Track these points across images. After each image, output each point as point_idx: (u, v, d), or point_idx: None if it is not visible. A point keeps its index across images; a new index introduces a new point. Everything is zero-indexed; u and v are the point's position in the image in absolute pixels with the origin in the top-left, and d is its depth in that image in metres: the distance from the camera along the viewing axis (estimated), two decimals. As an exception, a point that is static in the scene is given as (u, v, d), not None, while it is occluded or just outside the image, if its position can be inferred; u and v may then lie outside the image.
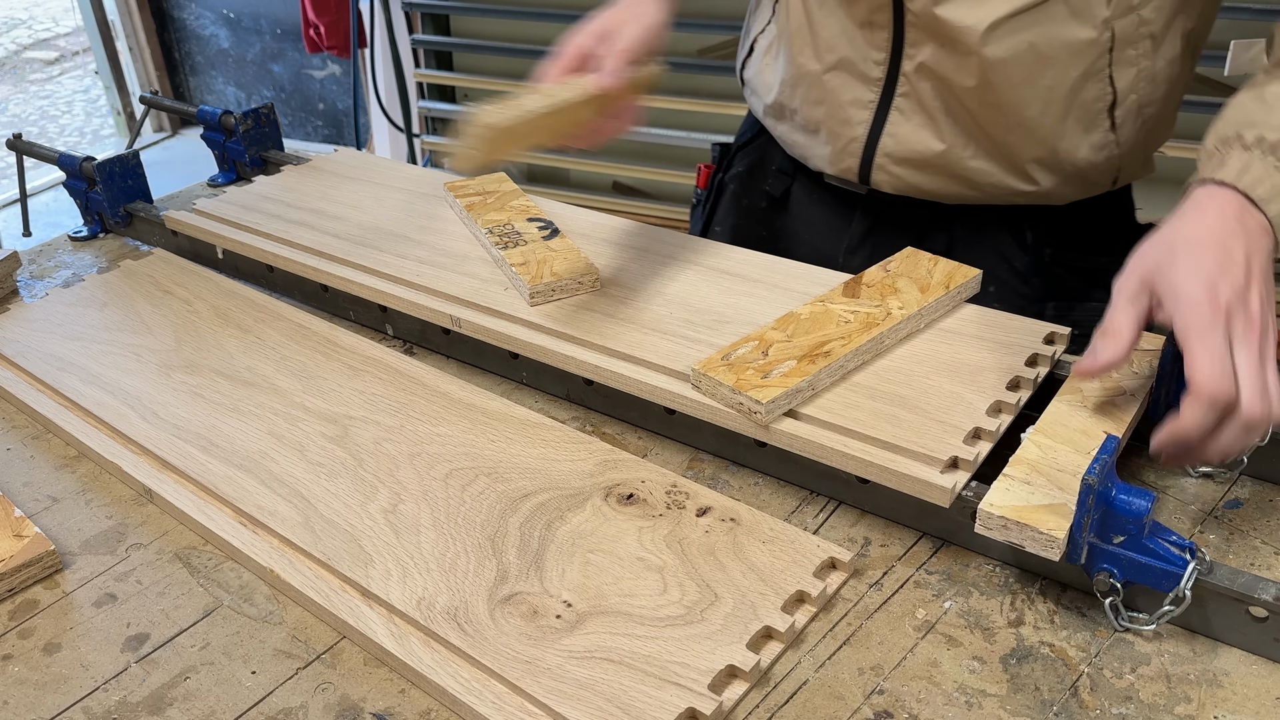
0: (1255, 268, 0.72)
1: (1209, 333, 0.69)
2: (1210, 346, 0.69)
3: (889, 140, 1.03)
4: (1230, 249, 0.72)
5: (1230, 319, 0.70)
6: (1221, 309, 0.70)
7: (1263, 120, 0.77)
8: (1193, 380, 0.69)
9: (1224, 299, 0.70)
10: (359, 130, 3.09)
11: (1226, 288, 0.70)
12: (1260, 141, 0.76)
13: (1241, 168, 0.75)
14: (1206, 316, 0.69)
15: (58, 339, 1.04)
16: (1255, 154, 0.75)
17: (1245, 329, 0.70)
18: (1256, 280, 0.72)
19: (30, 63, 5.78)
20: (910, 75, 0.99)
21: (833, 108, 1.05)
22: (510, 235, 1.06)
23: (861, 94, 1.02)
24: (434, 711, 0.67)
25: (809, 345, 0.85)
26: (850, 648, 0.70)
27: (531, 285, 0.96)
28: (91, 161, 1.26)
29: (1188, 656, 0.68)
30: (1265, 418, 0.69)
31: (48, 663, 0.72)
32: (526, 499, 0.80)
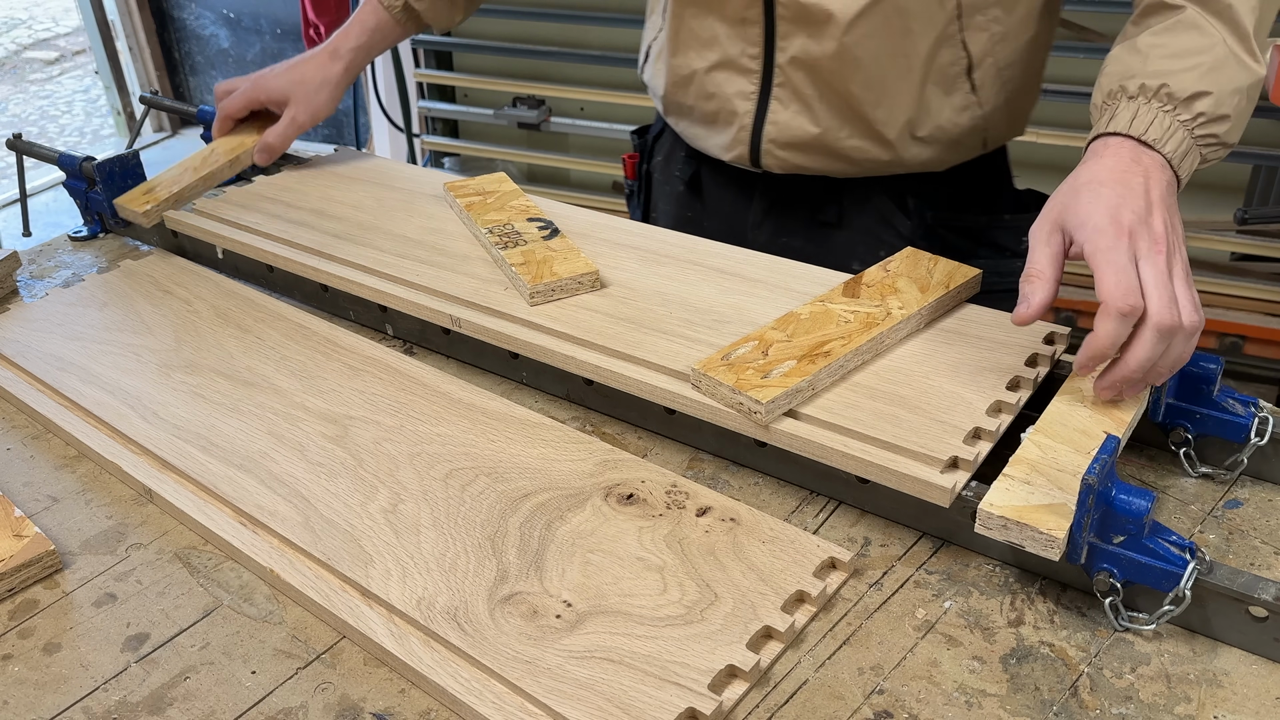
0: (1155, 195, 0.77)
1: (1112, 251, 0.74)
2: (1114, 262, 0.73)
3: (771, 127, 1.11)
4: (1129, 182, 0.77)
5: (1134, 238, 0.74)
6: (1125, 230, 0.74)
7: (1141, 69, 0.82)
8: (1100, 296, 0.73)
9: (1126, 221, 0.75)
10: (359, 130, 3.09)
11: (1128, 212, 0.75)
12: (1144, 89, 0.81)
13: (1131, 116, 0.81)
14: (1110, 237, 0.74)
15: (58, 339, 1.04)
16: (1140, 102, 0.81)
17: (1150, 247, 0.74)
18: (1158, 205, 0.76)
19: (30, 63, 5.78)
20: (784, 67, 1.07)
21: (721, 101, 1.13)
22: (510, 235, 1.06)
23: (743, 86, 1.11)
24: (434, 711, 0.67)
25: (809, 345, 0.85)
26: (850, 648, 0.70)
27: (531, 285, 0.96)
28: (91, 161, 1.26)
29: (1188, 656, 0.68)
30: (1175, 323, 0.72)
31: (48, 663, 0.72)
32: (526, 499, 0.80)
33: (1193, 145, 0.81)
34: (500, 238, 1.06)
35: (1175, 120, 0.80)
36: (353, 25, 1.31)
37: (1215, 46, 0.81)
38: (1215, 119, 0.81)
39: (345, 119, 3.96)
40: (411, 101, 3.04)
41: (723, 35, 1.09)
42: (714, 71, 1.12)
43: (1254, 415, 0.80)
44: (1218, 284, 2.23)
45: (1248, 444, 0.79)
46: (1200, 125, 0.80)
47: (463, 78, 2.97)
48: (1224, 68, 0.81)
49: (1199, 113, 0.80)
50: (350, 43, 1.30)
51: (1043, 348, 0.87)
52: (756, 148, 1.12)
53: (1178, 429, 0.82)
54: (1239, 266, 2.29)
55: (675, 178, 1.29)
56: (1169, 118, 0.80)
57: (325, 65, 1.29)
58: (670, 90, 1.19)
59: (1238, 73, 0.82)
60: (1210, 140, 0.81)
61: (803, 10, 1.02)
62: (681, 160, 1.27)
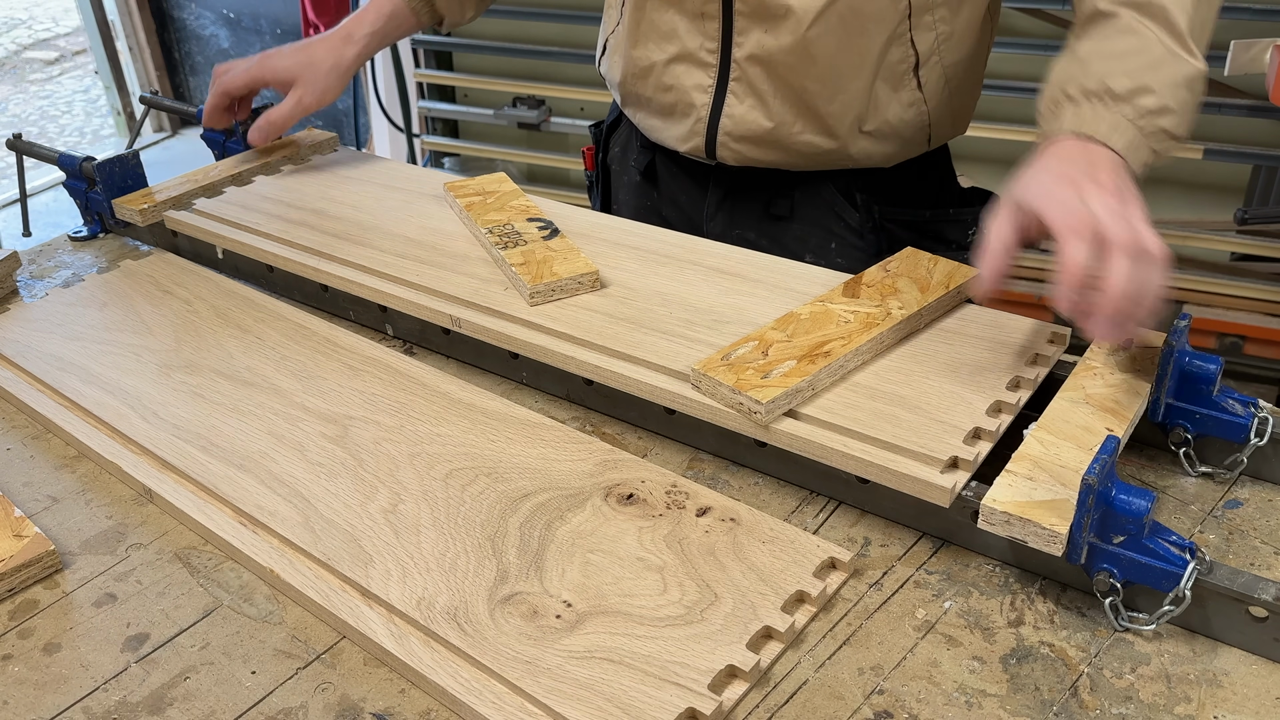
0: (1103, 169, 0.79)
1: (1058, 194, 0.76)
2: (1061, 201, 0.76)
3: (727, 120, 1.13)
4: (1075, 162, 0.80)
5: (1079, 187, 0.76)
6: (1070, 181, 0.77)
7: (1081, 75, 0.85)
8: (1052, 229, 0.75)
9: (1071, 176, 0.77)
10: (359, 130, 3.09)
11: (1073, 171, 0.78)
12: (1086, 92, 0.84)
13: (1074, 117, 0.84)
14: (1051, 187, 0.77)
15: (58, 339, 1.04)
16: (1084, 103, 0.84)
17: (1097, 190, 0.76)
18: (1105, 173, 0.78)
19: (30, 63, 5.78)
20: (741, 62, 1.09)
21: (679, 93, 1.15)
22: (510, 235, 1.06)
23: (701, 80, 1.13)
24: (434, 711, 0.67)
25: (809, 345, 0.85)
26: (850, 648, 0.70)
27: (531, 285, 0.96)
28: (91, 161, 1.26)
29: (1188, 656, 0.68)
30: (1140, 242, 0.73)
31: (48, 663, 0.72)
32: (526, 499, 0.80)
33: (1141, 139, 0.83)
34: (500, 238, 1.06)
35: (1120, 116, 0.82)
36: (368, 11, 1.27)
37: (1151, 46, 0.84)
38: (1159, 111, 0.83)
39: (345, 119, 3.95)
40: (411, 101, 3.04)
41: (682, 29, 1.11)
42: (673, 64, 1.14)
43: (1254, 415, 0.80)
44: (1218, 284, 2.23)
45: (1248, 444, 0.79)
46: (1146, 119, 0.82)
47: (463, 78, 2.97)
48: (1162, 65, 0.84)
49: (1142, 108, 0.82)
50: (365, 29, 1.27)
51: (1043, 348, 0.87)
52: (712, 140, 1.14)
53: (1178, 429, 0.82)
54: (1239, 266, 2.29)
55: (632, 168, 1.31)
56: (1113, 114, 0.82)
57: (338, 48, 1.26)
58: (628, 81, 1.20)
59: (1176, 68, 0.84)
60: (1158, 133, 0.83)
61: (761, 6, 1.05)
62: (637, 150, 1.30)
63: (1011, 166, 1.02)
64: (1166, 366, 0.79)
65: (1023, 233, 0.79)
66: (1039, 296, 2.33)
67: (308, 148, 1.36)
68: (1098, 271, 0.73)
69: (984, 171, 2.47)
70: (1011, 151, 2.38)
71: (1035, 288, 2.35)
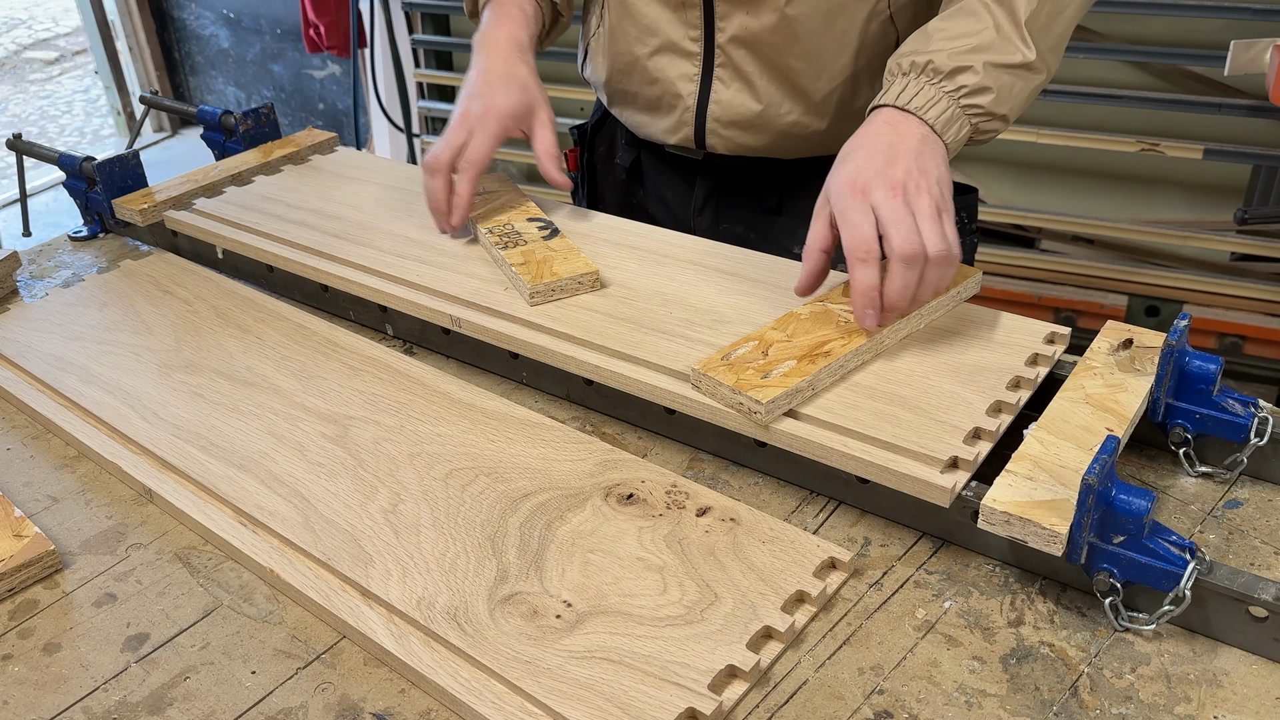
0: (901, 149, 0.86)
1: (849, 211, 0.84)
2: (849, 220, 0.83)
3: (715, 106, 1.13)
4: (875, 145, 0.87)
5: (868, 193, 0.84)
6: (859, 189, 0.84)
7: (921, 49, 0.91)
8: (845, 251, 0.83)
9: (861, 181, 0.84)
10: (359, 130, 3.09)
11: (866, 172, 0.85)
12: (914, 66, 0.90)
13: (900, 90, 0.90)
14: (846, 199, 0.84)
15: (58, 339, 1.04)
16: (911, 77, 0.90)
17: (886, 194, 0.83)
18: (901, 156, 0.85)
19: (30, 63, 5.78)
20: (725, 46, 1.10)
21: (664, 85, 1.15)
22: (510, 235, 1.06)
23: (686, 69, 1.13)
24: (434, 711, 0.67)
25: (809, 345, 0.85)
26: (850, 648, 0.70)
27: (531, 285, 0.96)
28: (91, 161, 1.26)
29: (1188, 656, 0.68)
30: (918, 250, 0.82)
31: (48, 663, 0.72)
32: (526, 499, 0.80)
33: (960, 114, 0.89)
34: (500, 238, 1.06)
35: (939, 91, 0.89)
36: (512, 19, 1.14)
37: (985, 30, 0.90)
38: (977, 90, 0.89)
39: (345, 119, 3.96)
40: (411, 101, 3.04)
41: (663, 21, 1.12)
42: (656, 56, 1.14)
43: (1254, 415, 0.80)
44: (1218, 284, 2.23)
45: (1248, 444, 0.79)
46: (965, 96, 0.89)
47: (463, 78, 2.96)
48: (990, 47, 0.89)
49: (961, 85, 0.89)
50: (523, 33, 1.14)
51: (1043, 348, 0.87)
52: (701, 128, 1.15)
53: (1178, 429, 0.82)
54: (1239, 266, 2.29)
55: (617, 166, 1.32)
56: (932, 89, 0.89)
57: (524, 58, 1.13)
58: (613, 79, 1.21)
59: (1004, 52, 0.90)
60: (977, 111, 0.89)
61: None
62: (623, 148, 1.30)
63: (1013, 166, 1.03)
64: (1166, 366, 0.80)
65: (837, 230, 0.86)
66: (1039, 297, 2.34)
67: (308, 148, 1.36)
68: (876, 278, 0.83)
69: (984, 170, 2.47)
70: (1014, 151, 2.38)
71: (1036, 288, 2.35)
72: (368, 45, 3.03)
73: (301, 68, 4.08)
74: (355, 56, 3.06)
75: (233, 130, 1.37)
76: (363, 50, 3.04)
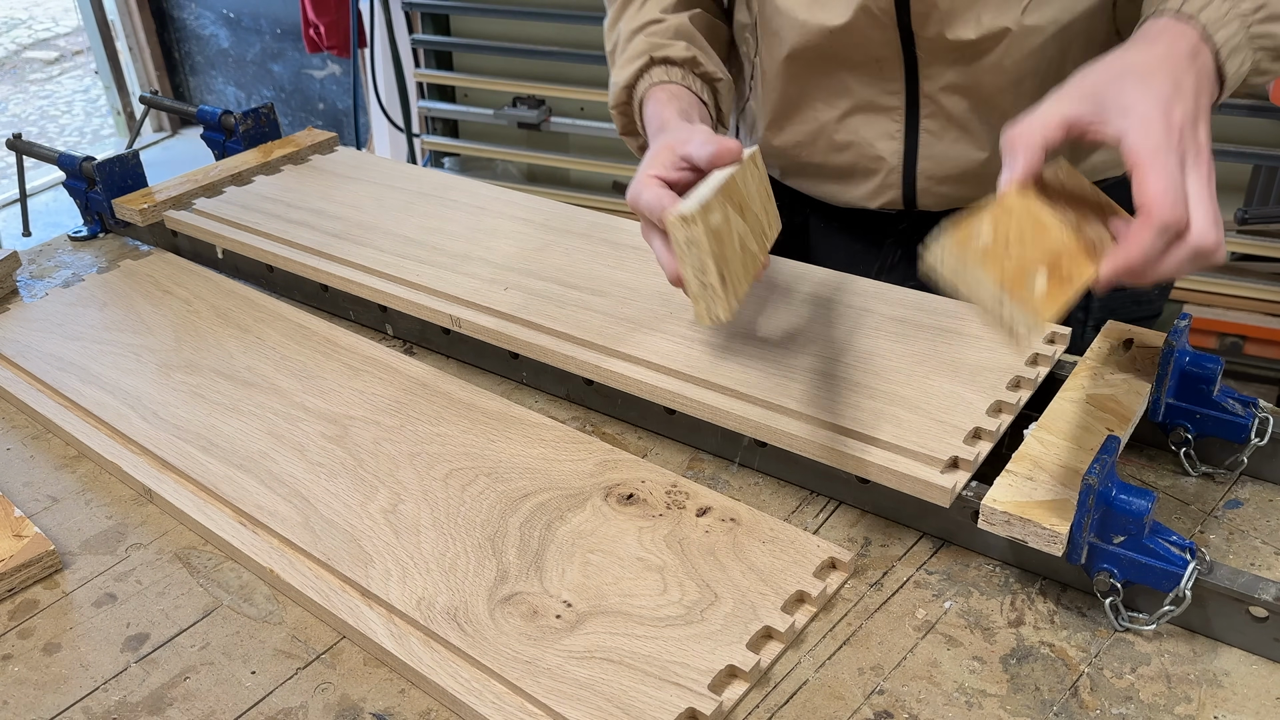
0: (1203, 104, 0.70)
1: (1164, 153, 0.65)
2: (1166, 168, 0.65)
3: (926, 163, 1.00)
4: (1181, 81, 0.69)
5: (1183, 143, 0.66)
6: (1176, 130, 0.66)
7: None
8: (1147, 203, 0.64)
9: (1178, 120, 0.66)
10: (359, 130, 3.09)
11: (1179, 112, 0.67)
12: None
13: (1204, 3, 0.73)
14: (1161, 136, 0.65)
15: (58, 339, 1.04)
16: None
17: (1196, 157, 0.67)
18: (1204, 116, 0.69)
19: (30, 63, 5.78)
20: (932, 95, 0.97)
21: (859, 149, 1.02)
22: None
23: (885, 126, 1.00)
24: (434, 711, 0.67)
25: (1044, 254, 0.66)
26: (850, 648, 0.70)
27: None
28: (91, 161, 1.26)
29: (1188, 656, 0.68)
30: (1216, 246, 0.66)
31: (48, 663, 0.72)
32: (526, 499, 0.80)
33: (1246, 42, 0.73)
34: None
35: (1234, 9, 0.72)
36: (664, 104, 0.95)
37: None
38: (1275, 17, 0.73)
39: (345, 119, 3.96)
40: (411, 101, 3.04)
41: (852, 80, 0.99)
42: (847, 119, 1.01)
43: (1254, 415, 0.80)
44: (1218, 284, 2.23)
45: (1248, 444, 0.79)
46: (1259, 21, 0.73)
47: (463, 78, 2.96)
48: None
49: (1260, 4, 0.73)
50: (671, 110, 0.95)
51: (1043, 347, 0.87)
52: (910, 188, 1.02)
53: (1178, 429, 0.82)
54: (1239, 266, 2.28)
55: None
56: (1227, 4, 0.72)
57: None
58: (788, 152, 1.08)
59: None
60: (1267, 41, 0.74)
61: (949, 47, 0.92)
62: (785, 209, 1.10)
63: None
64: (1166, 366, 0.79)
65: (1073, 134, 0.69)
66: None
67: (308, 148, 1.36)
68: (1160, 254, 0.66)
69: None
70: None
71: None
72: (368, 45, 3.03)
73: (301, 68, 4.09)
74: (355, 56, 3.06)
75: (233, 130, 1.37)
76: (363, 50, 3.05)
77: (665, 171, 0.81)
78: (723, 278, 0.73)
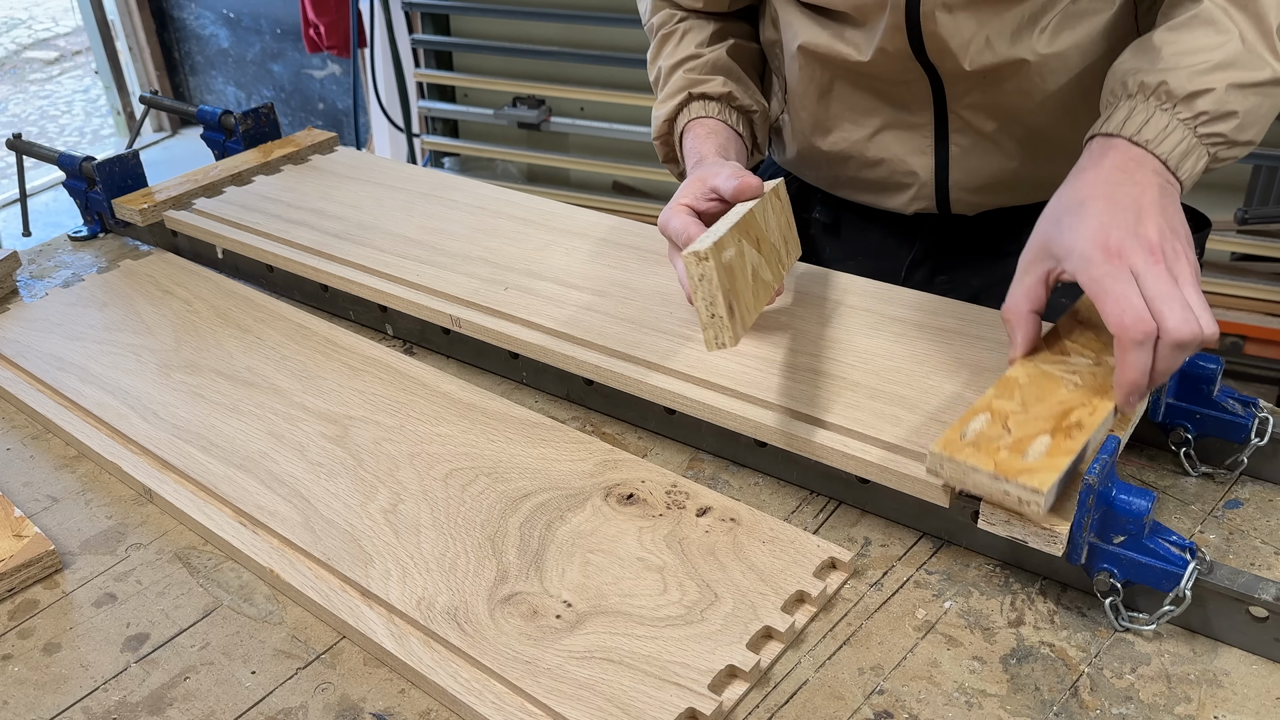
0: (1146, 204, 0.73)
1: (1109, 280, 0.70)
2: (1113, 292, 0.69)
3: (958, 174, 1.02)
4: (1115, 197, 0.73)
5: (1126, 256, 0.70)
6: (1114, 252, 0.70)
7: (1147, 67, 0.78)
8: (1111, 329, 0.69)
9: (1115, 242, 0.71)
10: (359, 130, 3.09)
11: (1116, 232, 0.71)
12: (1143, 87, 0.77)
13: (1125, 115, 0.77)
14: (1101, 266, 0.70)
15: (58, 339, 1.04)
16: (1138, 100, 0.77)
17: (1146, 259, 0.70)
18: (1149, 211, 0.72)
19: (30, 63, 5.78)
20: (960, 111, 0.98)
21: (891, 165, 1.04)
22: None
23: (916, 143, 1.01)
24: (434, 711, 0.67)
25: (1051, 414, 0.72)
26: (850, 648, 0.70)
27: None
28: (91, 161, 1.26)
29: (1188, 656, 0.68)
30: (1195, 336, 0.69)
31: (48, 663, 0.72)
32: (526, 499, 0.80)
33: (1196, 144, 0.77)
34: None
35: (1174, 119, 0.76)
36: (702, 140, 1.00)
37: (1229, 42, 0.77)
38: (1219, 117, 0.76)
39: (345, 119, 3.96)
40: (411, 101, 3.04)
41: (881, 102, 1.00)
42: (877, 136, 1.02)
43: (1254, 415, 0.80)
44: (1218, 284, 2.23)
45: (1248, 444, 0.79)
46: (1203, 124, 0.76)
47: (463, 78, 2.97)
48: (1235, 64, 0.77)
49: (1200, 111, 0.76)
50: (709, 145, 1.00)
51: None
52: (944, 198, 1.03)
53: (1178, 429, 0.82)
54: (1239, 266, 2.28)
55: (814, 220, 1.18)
56: (1166, 116, 0.76)
57: None
58: (821, 167, 1.10)
59: (1251, 69, 0.77)
60: (1217, 139, 0.77)
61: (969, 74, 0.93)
62: (819, 207, 1.17)
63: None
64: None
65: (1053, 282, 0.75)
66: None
67: (308, 148, 1.36)
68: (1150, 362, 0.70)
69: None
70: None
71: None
72: (368, 45, 3.03)
73: (301, 68, 4.09)
74: (355, 56, 3.06)
75: (233, 130, 1.38)
76: (363, 50, 3.05)
77: (695, 201, 0.89)
78: (731, 309, 0.77)
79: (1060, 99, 0.95)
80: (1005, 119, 0.98)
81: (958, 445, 0.70)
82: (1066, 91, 0.95)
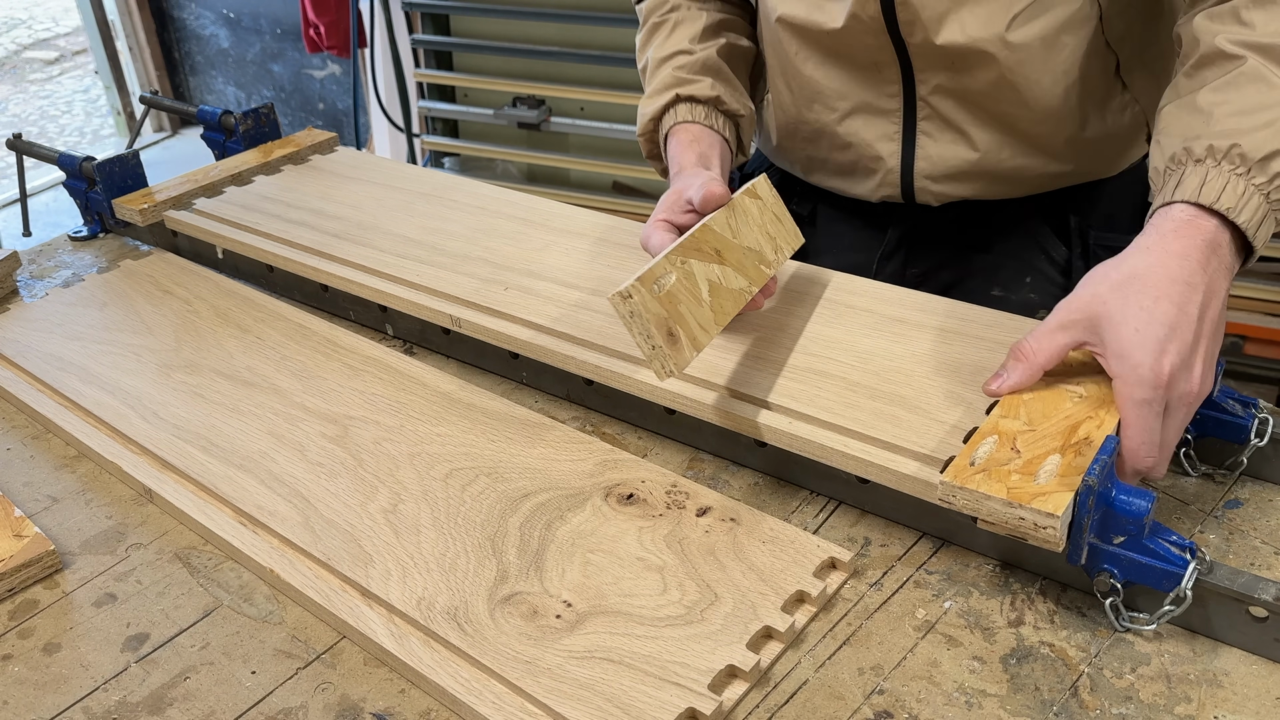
0: (1208, 318, 0.72)
1: (1146, 410, 0.70)
2: (1145, 426, 0.70)
3: (923, 163, 1.03)
4: (1186, 301, 0.71)
5: (1170, 388, 0.70)
6: (1164, 381, 0.70)
7: (1206, 130, 0.75)
8: (1124, 450, 0.71)
9: (1169, 368, 0.70)
10: (359, 130, 3.09)
11: (1174, 353, 0.70)
12: (1212, 151, 0.74)
13: (1199, 183, 0.74)
14: (1149, 390, 0.70)
15: (58, 339, 1.04)
16: (1208, 165, 0.74)
17: (1180, 398, 0.71)
18: (1205, 339, 0.72)
19: (30, 63, 5.78)
20: (928, 98, 0.99)
21: (860, 149, 1.05)
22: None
23: (884, 128, 1.03)
24: (434, 711, 0.67)
25: (1060, 431, 0.72)
26: (850, 648, 0.70)
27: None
28: (91, 161, 1.26)
29: (1188, 656, 0.68)
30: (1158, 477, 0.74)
31: (48, 663, 0.72)
32: (526, 499, 0.80)
33: (1268, 211, 0.74)
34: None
35: (1250, 185, 0.73)
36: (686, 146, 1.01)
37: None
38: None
39: (345, 119, 3.96)
40: (411, 101, 3.04)
41: (854, 83, 1.01)
42: (848, 119, 1.04)
43: (1254, 415, 0.80)
44: (1218, 284, 2.22)
45: (1248, 444, 0.79)
46: (1277, 189, 0.74)
47: (463, 78, 2.96)
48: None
49: (1275, 174, 0.73)
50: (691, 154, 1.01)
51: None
52: (909, 186, 1.05)
53: (1178, 429, 0.82)
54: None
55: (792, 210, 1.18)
56: (1243, 182, 0.73)
57: None
58: (795, 146, 1.12)
59: None
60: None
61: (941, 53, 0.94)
62: (797, 197, 1.18)
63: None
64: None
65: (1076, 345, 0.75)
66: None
67: (308, 148, 1.36)
68: None
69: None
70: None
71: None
72: (368, 45, 3.03)
73: (301, 68, 4.09)
74: (355, 56, 3.06)
75: (233, 130, 1.38)
76: (363, 50, 3.05)
77: (672, 215, 0.90)
78: (672, 335, 0.77)
79: (1027, 93, 0.96)
80: (972, 108, 0.99)
81: (967, 473, 0.69)
82: (1033, 86, 0.96)
